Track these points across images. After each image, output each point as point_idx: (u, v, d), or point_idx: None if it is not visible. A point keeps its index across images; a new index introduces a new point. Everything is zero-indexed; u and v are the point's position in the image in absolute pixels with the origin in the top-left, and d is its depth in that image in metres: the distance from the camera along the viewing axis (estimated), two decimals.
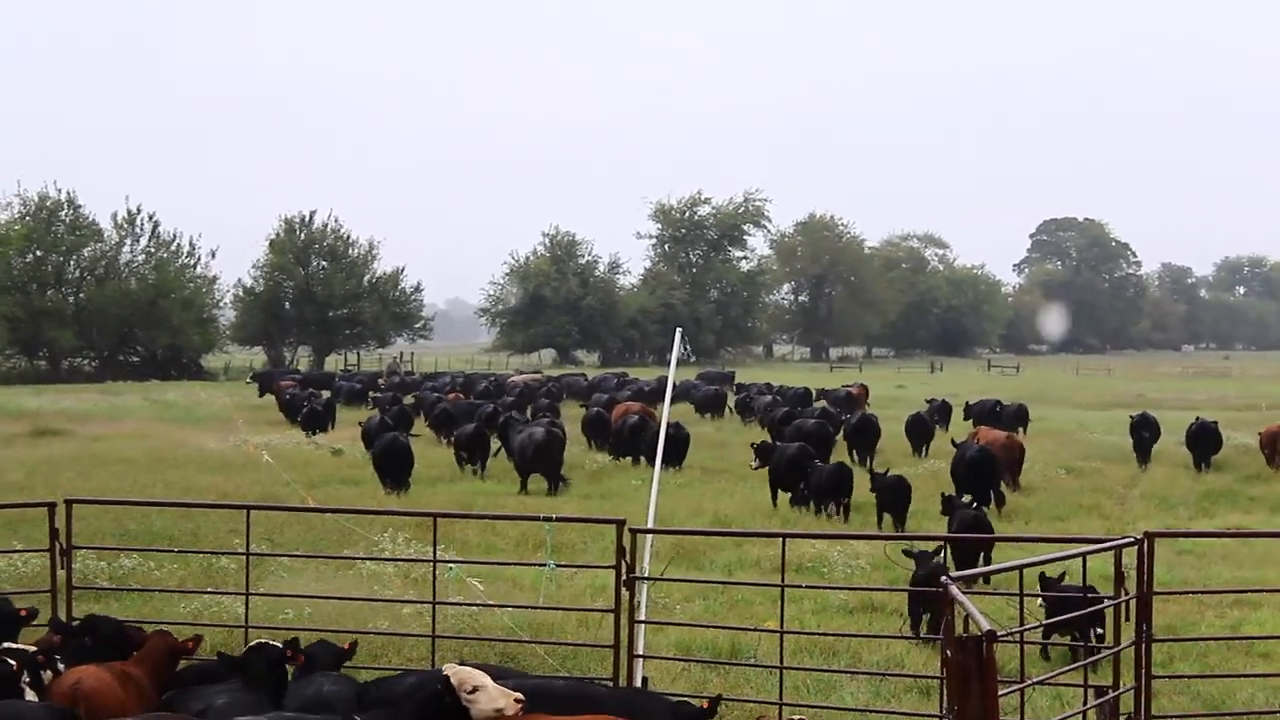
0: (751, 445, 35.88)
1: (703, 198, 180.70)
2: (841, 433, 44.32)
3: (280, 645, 12.64)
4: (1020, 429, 50.89)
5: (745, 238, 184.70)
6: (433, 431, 48.60)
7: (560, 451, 36.48)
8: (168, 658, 12.90)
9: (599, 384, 77.27)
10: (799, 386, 70.71)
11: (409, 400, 60.10)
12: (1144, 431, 42.72)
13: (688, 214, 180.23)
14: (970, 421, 52.98)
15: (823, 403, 60.65)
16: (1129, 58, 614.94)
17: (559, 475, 35.35)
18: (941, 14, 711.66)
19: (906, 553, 19.35)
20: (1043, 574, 16.61)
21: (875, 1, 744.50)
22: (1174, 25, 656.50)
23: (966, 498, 26.35)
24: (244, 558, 16.13)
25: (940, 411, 54.93)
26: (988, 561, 22.16)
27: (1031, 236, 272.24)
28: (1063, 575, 16.89)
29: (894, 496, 28.84)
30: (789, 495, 31.99)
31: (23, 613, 13.90)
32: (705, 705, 11.95)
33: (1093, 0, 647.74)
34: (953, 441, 37.93)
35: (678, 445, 37.88)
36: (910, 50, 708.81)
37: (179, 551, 22.19)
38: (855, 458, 40.19)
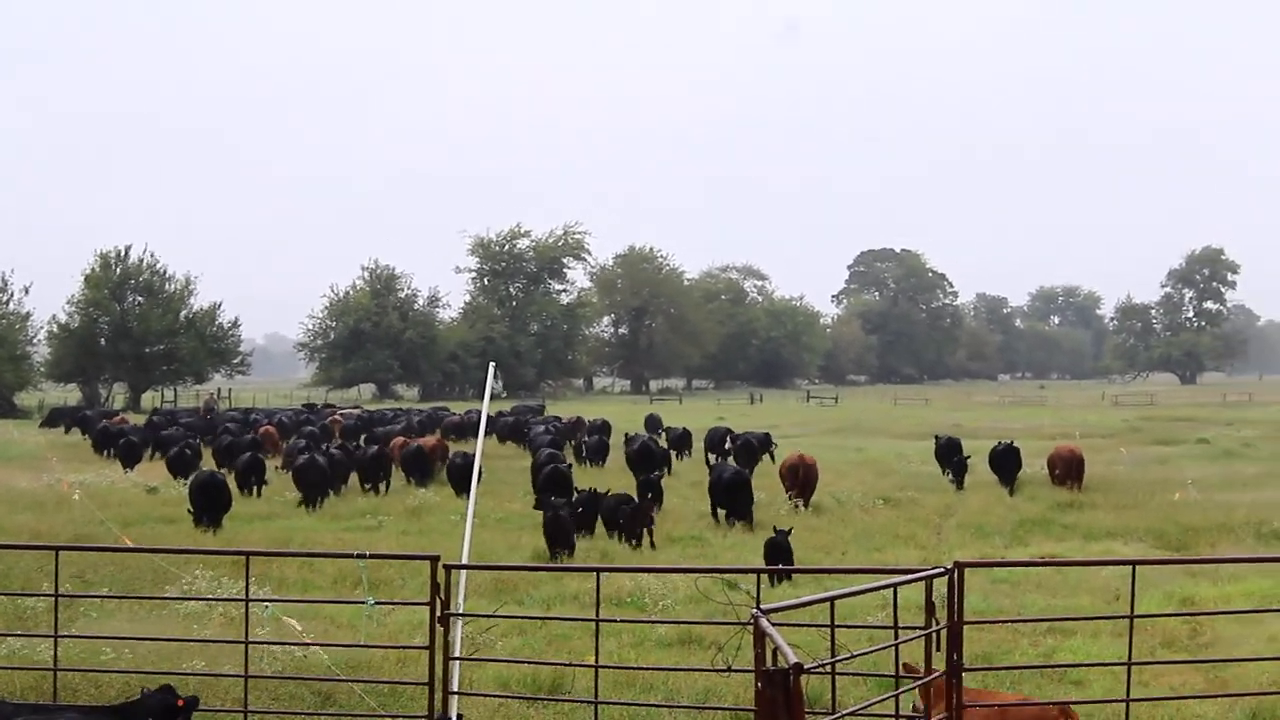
0: None
1: (522, 230, 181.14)
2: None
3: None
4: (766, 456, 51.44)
5: (565, 270, 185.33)
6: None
7: (318, 477, 39.65)
8: None
9: (382, 419, 78.79)
10: (571, 417, 74.58)
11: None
12: (953, 454, 43.97)
13: (507, 247, 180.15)
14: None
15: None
16: (944, 96, 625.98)
17: (315, 500, 38.79)
18: (763, 48, 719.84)
19: None
20: None
21: (698, 36, 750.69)
22: (988, 64, 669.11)
23: None
24: (53, 599, 15.86)
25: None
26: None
27: (849, 267, 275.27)
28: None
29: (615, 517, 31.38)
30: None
31: None
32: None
33: (909, 39, 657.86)
34: (706, 462, 47.34)
35: (464, 472, 39.19)
36: (729, 83, 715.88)
37: None
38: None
